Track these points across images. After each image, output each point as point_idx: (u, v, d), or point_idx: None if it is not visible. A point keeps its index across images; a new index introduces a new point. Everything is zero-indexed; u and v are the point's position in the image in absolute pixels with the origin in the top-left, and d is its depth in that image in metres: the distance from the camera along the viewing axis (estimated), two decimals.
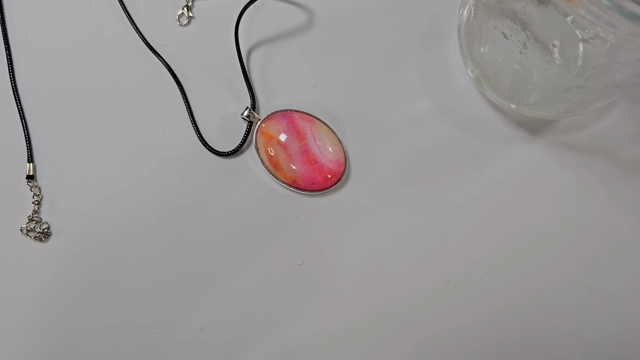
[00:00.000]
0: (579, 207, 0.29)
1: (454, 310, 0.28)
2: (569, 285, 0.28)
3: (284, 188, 0.29)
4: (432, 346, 0.27)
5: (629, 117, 0.32)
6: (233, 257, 0.28)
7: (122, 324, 0.27)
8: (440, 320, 0.28)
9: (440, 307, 0.28)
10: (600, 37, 0.22)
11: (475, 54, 0.31)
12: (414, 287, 0.28)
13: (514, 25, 0.26)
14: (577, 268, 0.28)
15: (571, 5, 0.21)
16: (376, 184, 0.30)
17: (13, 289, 0.28)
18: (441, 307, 0.28)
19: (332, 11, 0.33)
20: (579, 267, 0.28)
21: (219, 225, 0.29)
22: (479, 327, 0.28)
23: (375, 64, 0.32)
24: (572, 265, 0.28)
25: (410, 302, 0.28)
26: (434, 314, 0.28)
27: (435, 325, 0.28)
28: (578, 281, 0.28)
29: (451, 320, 0.28)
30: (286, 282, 0.28)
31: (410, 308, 0.28)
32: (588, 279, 0.28)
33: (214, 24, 0.26)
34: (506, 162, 0.30)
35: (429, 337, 0.28)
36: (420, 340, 0.27)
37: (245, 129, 0.30)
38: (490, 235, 0.29)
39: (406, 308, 0.28)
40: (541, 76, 0.28)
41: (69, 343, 0.27)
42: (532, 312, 0.28)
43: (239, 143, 0.30)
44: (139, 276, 0.28)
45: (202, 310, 0.27)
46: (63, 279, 0.21)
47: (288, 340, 0.27)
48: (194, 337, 0.27)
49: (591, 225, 0.29)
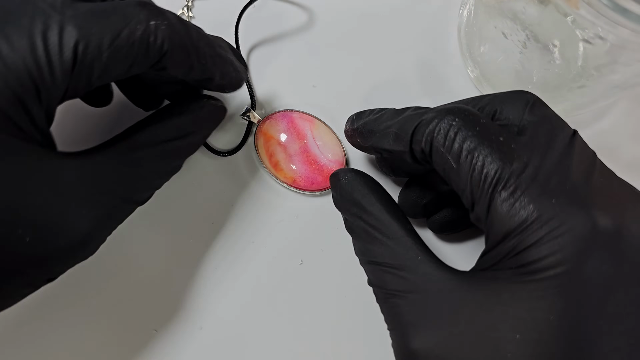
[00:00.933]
0: None
1: None
2: None
3: (284, 188, 0.29)
4: None
5: (630, 117, 0.32)
6: (233, 257, 0.28)
7: (121, 323, 0.27)
8: None
9: None
10: (600, 37, 0.22)
11: (475, 54, 0.31)
12: None
13: (514, 25, 0.26)
14: None
15: (571, 5, 0.21)
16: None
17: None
18: None
19: (332, 11, 0.33)
20: None
21: (219, 225, 0.29)
22: None
23: (375, 63, 0.32)
24: None
25: None
26: None
27: None
28: None
29: None
30: (286, 282, 0.28)
31: None
32: None
33: (214, 24, 0.26)
34: None
35: None
36: None
37: (245, 129, 0.30)
38: None
39: None
40: (541, 76, 0.28)
41: (67, 343, 0.27)
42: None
43: (238, 143, 0.30)
44: (138, 276, 0.28)
45: (202, 310, 0.27)
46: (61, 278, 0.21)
47: (288, 340, 0.27)
48: (194, 337, 0.27)
49: None
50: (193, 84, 0.25)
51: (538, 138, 0.19)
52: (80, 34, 0.18)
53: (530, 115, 0.20)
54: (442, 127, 0.19)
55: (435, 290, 0.19)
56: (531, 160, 0.18)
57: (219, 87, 0.25)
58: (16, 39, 0.18)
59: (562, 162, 0.19)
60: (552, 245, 0.17)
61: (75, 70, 0.19)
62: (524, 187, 0.18)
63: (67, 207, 0.19)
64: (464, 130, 0.19)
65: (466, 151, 0.19)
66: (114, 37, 0.19)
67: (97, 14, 0.19)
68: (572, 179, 0.18)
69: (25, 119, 0.18)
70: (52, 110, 0.20)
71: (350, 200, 0.23)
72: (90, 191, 0.20)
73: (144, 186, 0.23)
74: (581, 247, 0.17)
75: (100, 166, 0.21)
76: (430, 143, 0.20)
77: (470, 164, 0.18)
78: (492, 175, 0.18)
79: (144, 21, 0.20)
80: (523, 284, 0.17)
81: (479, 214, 0.19)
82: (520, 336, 0.17)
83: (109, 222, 0.21)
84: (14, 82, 0.18)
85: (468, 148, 0.19)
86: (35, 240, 0.18)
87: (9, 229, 0.18)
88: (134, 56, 0.20)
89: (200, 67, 0.23)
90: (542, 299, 0.17)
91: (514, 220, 0.18)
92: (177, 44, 0.21)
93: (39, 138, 0.19)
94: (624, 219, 0.18)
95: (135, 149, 0.22)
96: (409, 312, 0.19)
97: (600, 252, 0.17)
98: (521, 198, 0.18)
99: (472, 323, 0.18)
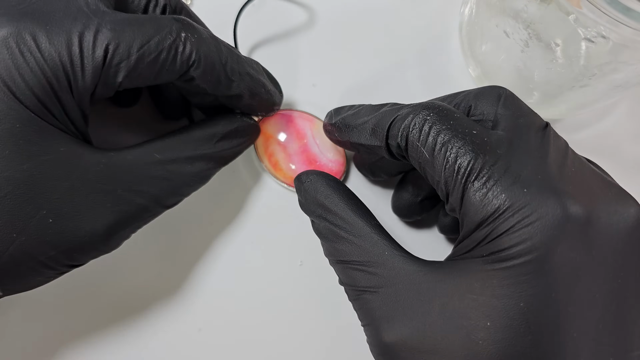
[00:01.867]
0: None
1: None
2: None
3: (283, 188, 0.29)
4: None
5: (632, 117, 0.32)
6: (232, 258, 0.28)
7: (120, 324, 0.27)
8: None
9: None
10: (602, 36, 0.22)
11: (477, 53, 0.30)
12: None
13: (516, 24, 0.26)
14: None
15: (573, 4, 0.21)
16: (376, 183, 0.30)
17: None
18: None
19: (332, 10, 0.33)
20: None
21: (218, 225, 0.29)
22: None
23: (376, 62, 0.32)
24: None
25: None
26: None
27: None
28: None
29: None
30: (286, 283, 0.28)
31: None
32: None
33: (213, 23, 0.26)
34: None
35: None
36: None
37: None
38: None
39: None
40: (543, 75, 0.27)
41: (66, 343, 0.27)
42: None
43: None
44: (136, 277, 0.28)
45: (201, 311, 0.27)
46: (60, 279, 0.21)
47: (288, 341, 0.27)
48: (193, 339, 0.27)
49: None
50: (223, 101, 0.25)
51: (511, 130, 0.20)
52: (113, 35, 0.20)
53: (503, 108, 0.21)
54: (417, 122, 0.20)
55: (405, 283, 0.19)
56: (504, 152, 0.19)
57: (249, 108, 0.27)
58: (55, 35, 0.20)
59: (534, 153, 0.19)
60: (523, 233, 0.17)
61: (104, 68, 0.20)
62: (497, 177, 0.18)
63: (92, 197, 0.21)
64: (438, 124, 0.20)
65: (440, 144, 0.19)
66: (144, 42, 0.21)
67: (133, 22, 0.21)
68: (544, 169, 0.19)
69: (58, 108, 0.20)
70: (84, 105, 0.21)
71: (315, 202, 0.23)
72: (116, 186, 0.21)
73: (171, 190, 0.24)
74: (552, 235, 0.17)
75: (127, 163, 0.22)
76: (405, 137, 0.20)
77: (444, 156, 0.19)
78: (465, 166, 0.19)
79: (175, 32, 0.21)
80: (494, 271, 0.18)
81: (453, 205, 0.19)
82: (490, 323, 0.17)
83: (132, 219, 0.22)
84: (49, 73, 0.19)
85: (442, 141, 0.19)
86: (58, 223, 0.20)
87: (35, 208, 0.19)
88: (161, 63, 0.21)
89: (228, 82, 0.24)
90: (513, 286, 0.17)
91: (486, 209, 0.18)
92: (205, 56, 0.22)
93: (73, 129, 0.21)
94: (593, 207, 0.18)
95: (164, 152, 0.23)
96: (381, 307, 0.20)
97: (571, 239, 0.18)
98: (494, 188, 0.18)
99: (444, 312, 0.18)
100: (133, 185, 0.22)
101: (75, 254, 0.21)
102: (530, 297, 0.17)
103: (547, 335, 0.17)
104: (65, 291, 0.27)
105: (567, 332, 0.17)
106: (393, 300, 0.19)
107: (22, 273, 0.20)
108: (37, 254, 0.20)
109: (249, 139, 0.27)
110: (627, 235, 0.19)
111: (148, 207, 0.23)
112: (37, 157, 0.19)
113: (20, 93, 0.19)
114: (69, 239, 0.20)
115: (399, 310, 0.19)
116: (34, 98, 0.19)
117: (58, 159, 0.20)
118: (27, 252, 0.19)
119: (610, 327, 0.18)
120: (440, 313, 0.18)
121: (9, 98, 0.19)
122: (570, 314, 0.17)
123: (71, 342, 0.27)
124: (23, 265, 0.20)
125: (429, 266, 0.20)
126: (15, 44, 0.19)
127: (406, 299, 0.19)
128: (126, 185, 0.22)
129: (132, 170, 0.22)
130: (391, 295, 0.20)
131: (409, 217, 0.28)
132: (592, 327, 0.18)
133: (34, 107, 0.19)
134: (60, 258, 0.20)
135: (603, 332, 0.18)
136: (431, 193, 0.26)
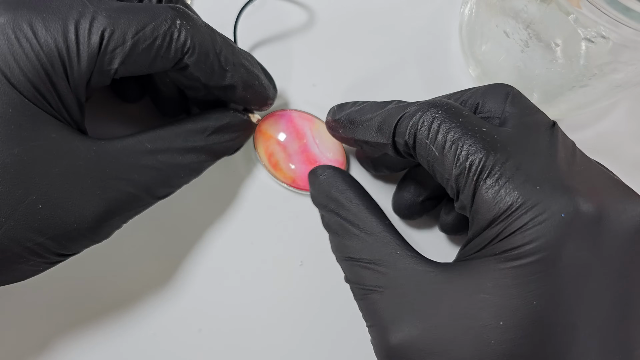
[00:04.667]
0: None
1: None
2: None
3: (283, 188, 0.29)
4: None
5: (632, 117, 0.32)
6: (232, 258, 0.28)
7: (119, 325, 0.27)
8: None
9: None
10: (602, 36, 0.22)
11: (477, 53, 0.30)
12: None
13: (516, 24, 0.26)
14: None
15: (573, 4, 0.21)
16: (376, 183, 0.30)
17: (10, 290, 0.28)
18: None
19: (332, 10, 0.33)
20: None
21: (218, 225, 0.28)
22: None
23: (376, 62, 0.32)
24: None
25: None
26: None
27: None
28: None
29: None
30: (286, 283, 0.28)
31: None
32: None
33: (214, 23, 0.26)
34: None
35: None
36: None
37: None
38: None
39: None
40: (543, 75, 0.27)
41: (64, 343, 0.27)
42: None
43: None
44: (135, 277, 0.28)
45: (201, 312, 0.27)
46: (59, 280, 0.21)
47: (288, 341, 0.27)
48: (193, 339, 0.27)
49: None
50: (217, 93, 0.25)
51: (519, 128, 0.20)
52: (108, 22, 0.20)
53: (510, 106, 0.21)
54: (426, 120, 0.20)
55: (414, 284, 0.19)
56: (514, 150, 0.19)
57: (243, 100, 0.26)
58: (52, 22, 0.20)
59: (544, 151, 0.19)
60: (536, 231, 0.17)
61: (100, 55, 0.20)
62: (509, 174, 0.18)
63: (82, 184, 0.21)
64: (447, 121, 0.19)
65: (450, 142, 0.19)
66: (139, 29, 0.21)
67: (129, 10, 0.21)
68: (554, 167, 0.19)
69: (53, 95, 0.20)
70: (80, 92, 0.21)
71: (328, 197, 0.23)
72: (106, 174, 0.21)
73: (161, 181, 0.23)
74: (564, 233, 0.17)
75: (118, 151, 0.22)
76: (414, 135, 0.20)
77: (455, 154, 0.19)
78: (476, 163, 0.18)
79: (170, 19, 0.21)
80: (507, 270, 0.18)
81: (464, 202, 0.19)
82: (503, 322, 0.17)
83: (122, 208, 0.22)
84: (44, 59, 0.19)
85: (452, 139, 0.19)
86: (47, 209, 0.20)
87: (24, 193, 0.19)
88: (156, 49, 0.21)
89: (222, 72, 0.24)
90: (526, 285, 0.17)
91: (499, 207, 0.18)
92: (199, 44, 0.22)
93: (67, 117, 0.21)
94: (603, 206, 0.18)
95: (155, 142, 0.23)
96: (388, 308, 0.19)
97: (581, 237, 0.18)
98: (506, 185, 0.18)
99: (453, 313, 0.18)
100: (123, 173, 0.22)
101: (65, 241, 0.21)
102: (542, 296, 0.17)
103: (556, 335, 0.17)
104: (63, 292, 0.27)
105: (576, 331, 0.17)
106: (401, 301, 0.19)
107: (9, 259, 0.20)
108: (24, 240, 0.19)
109: (241, 135, 0.27)
110: (635, 234, 0.19)
111: (139, 197, 0.23)
112: (27, 142, 0.19)
113: (14, 78, 0.19)
114: (57, 225, 0.20)
115: (407, 311, 0.19)
116: (28, 84, 0.19)
117: (49, 145, 0.20)
118: (14, 238, 0.19)
119: (616, 325, 0.18)
120: (449, 314, 0.18)
121: (3, 83, 0.19)
122: (579, 312, 0.17)
123: (70, 343, 0.27)
124: (9, 252, 0.19)
125: (439, 267, 0.20)
126: (12, 31, 0.19)
127: (414, 300, 0.19)
128: (116, 173, 0.22)
129: (123, 158, 0.22)
130: (399, 296, 0.19)
131: (409, 217, 0.28)
132: (599, 325, 0.18)
133: (28, 93, 0.19)
134: (49, 245, 0.20)
135: (610, 330, 0.18)
136: (433, 193, 0.26)
